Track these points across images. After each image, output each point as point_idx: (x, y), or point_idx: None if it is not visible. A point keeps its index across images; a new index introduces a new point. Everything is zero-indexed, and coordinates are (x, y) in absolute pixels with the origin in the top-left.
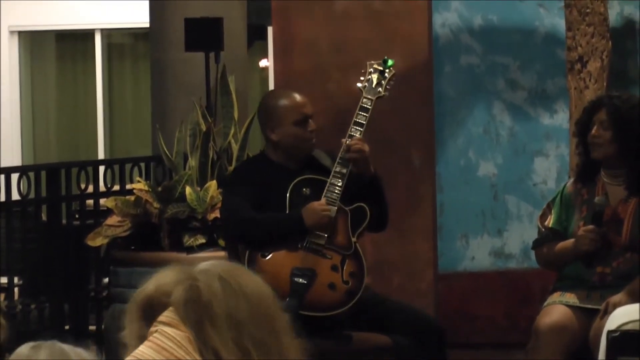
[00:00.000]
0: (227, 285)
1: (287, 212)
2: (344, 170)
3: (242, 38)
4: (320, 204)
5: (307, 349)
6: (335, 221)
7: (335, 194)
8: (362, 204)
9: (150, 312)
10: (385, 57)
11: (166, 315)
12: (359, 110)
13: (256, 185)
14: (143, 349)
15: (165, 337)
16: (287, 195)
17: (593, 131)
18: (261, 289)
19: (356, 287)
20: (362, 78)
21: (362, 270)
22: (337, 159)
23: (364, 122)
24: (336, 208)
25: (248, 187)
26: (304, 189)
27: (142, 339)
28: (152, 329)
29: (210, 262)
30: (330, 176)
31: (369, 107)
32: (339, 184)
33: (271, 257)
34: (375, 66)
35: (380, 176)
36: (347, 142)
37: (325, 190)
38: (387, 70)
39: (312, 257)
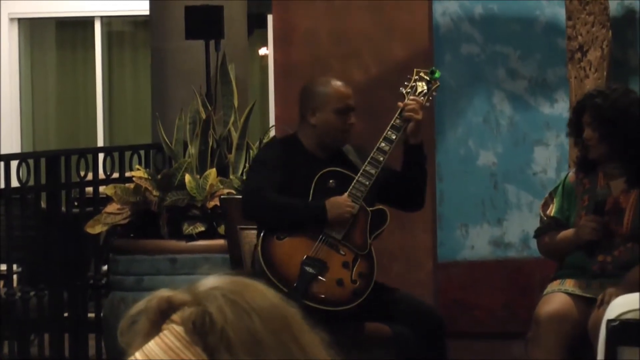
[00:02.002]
0: (236, 306)
1: (310, 200)
2: (373, 171)
3: (242, 26)
4: (345, 199)
5: (327, 341)
6: (356, 220)
7: (360, 192)
8: (384, 208)
9: (164, 316)
10: (433, 68)
11: (180, 315)
12: (399, 115)
13: (283, 168)
14: (152, 345)
15: (175, 336)
16: (313, 183)
17: (584, 134)
18: (269, 298)
19: (363, 288)
20: (406, 83)
21: (372, 272)
22: (369, 158)
23: (401, 126)
24: (358, 206)
25: (275, 168)
26: (330, 181)
27: (148, 337)
28: (164, 325)
29: (212, 281)
30: (359, 174)
31: None
32: (366, 183)
33: (286, 241)
34: (422, 74)
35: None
36: (404, 102)
37: (351, 187)
38: (432, 81)
39: (326, 249)
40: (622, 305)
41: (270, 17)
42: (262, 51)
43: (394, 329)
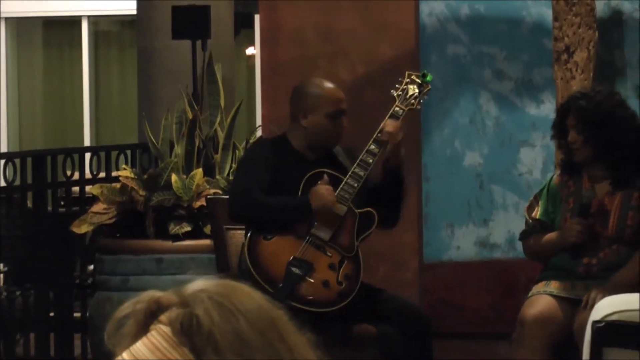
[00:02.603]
0: (223, 308)
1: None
2: (362, 173)
3: (229, 26)
4: (327, 188)
5: (313, 341)
6: (343, 222)
7: (348, 194)
8: (371, 210)
9: (151, 317)
10: (425, 71)
11: (167, 316)
12: (389, 117)
13: (271, 168)
14: (139, 345)
15: (162, 337)
16: (301, 185)
17: (569, 136)
18: (255, 299)
19: (349, 289)
20: (397, 86)
21: (358, 274)
22: (358, 161)
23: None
24: (346, 208)
25: (262, 168)
26: (319, 183)
27: (136, 338)
28: (152, 326)
29: (200, 283)
30: (347, 176)
31: (400, 116)
32: (354, 185)
33: (273, 241)
34: (414, 77)
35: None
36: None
37: (339, 189)
38: (424, 84)
39: (313, 250)
40: (607, 306)
41: (257, 17)
42: (249, 51)
43: (380, 329)
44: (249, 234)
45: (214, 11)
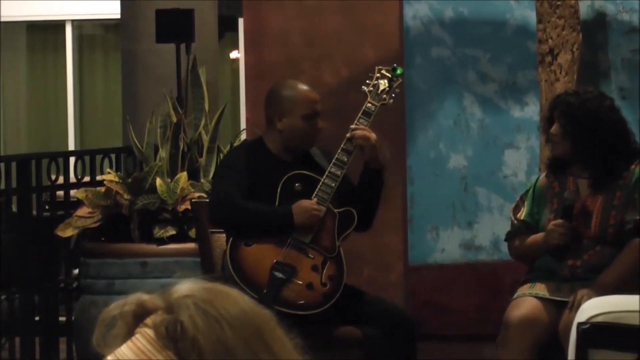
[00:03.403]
0: (208, 315)
1: (277, 204)
2: (339, 172)
3: (213, 29)
4: (311, 203)
5: (301, 346)
6: (323, 222)
7: (326, 195)
8: (351, 209)
9: (137, 320)
10: (395, 65)
11: (152, 320)
12: (362, 115)
13: (249, 172)
14: (124, 348)
15: (147, 340)
16: (279, 187)
17: (552, 129)
18: (241, 305)
19: (333, 290)
20: (368, 82)
21: (342, 274)
22: (334, 160)
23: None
24: (325, 209)
25: (241, 172)
26: (297, 185)
27: (123, 341)
28: (137, 329)
29: (186, 288)
30: (324, 176)
31: (372, 112)
32: (332, 185)
33: (255, 247)
34: (384, 72)
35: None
36: (350, 132)
37: (317, 190)
38: (394, 78)
39: (295, 254)
40: (593, 308)
41: (241, 21)
42: (233, 54)
43: (365, 331)
44: (229, 241)
45: (198, 15)
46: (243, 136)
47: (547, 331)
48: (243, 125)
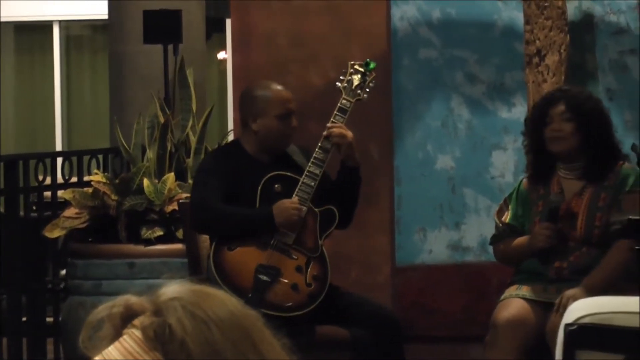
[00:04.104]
0: (196, 317)
1: (257, 206)
2: (317, 171)
3: (200, 30)
4: (291, 202)
5: (288, 346)
6: (304, 222)
7: (306, 194)
8: (332, 207)
9: (125, 322)
10: (368, 60)
11: (140, 321)
12: (337, 111)
13: (227, 175)
14: (111, 349)
15: (134, 341)
16: (259, 189)
17: (554, 125)
18: (229, 307)
19: (318, 290)
20: (342, 78)
21: (326, 274)
22: (312, 159)
23: (342, 124)
24: (306, 209)
25: (219, 177)
26: (276, 185)
27: (111, 342)
28: (125, 330)
29: (173, 290)
30: (303, 175)
31: (347, 109)
32: (311, 184)
33: (237, 251)
34: (357, 67)
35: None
36: (327, 130)
37: (297, 190)
38: (368, 73)
39: (278, 255)
40: (580, 309)
41: (228, 21)
42: (221, 55)
43: (352, 332)
44: (212, 245)
45: (186, 15)
46: (231, 137)
47: (534, 332)
48: (230, 126)
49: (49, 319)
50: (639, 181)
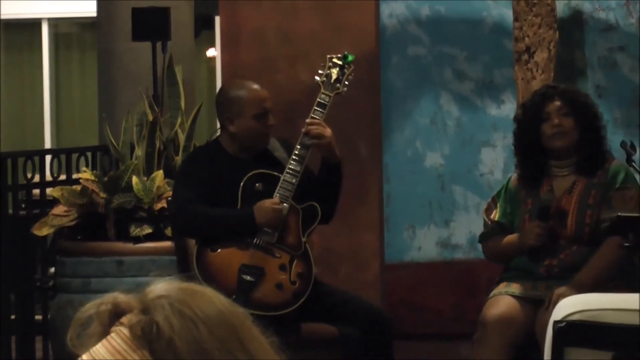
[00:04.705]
0: (183, 315)
1: (239, 206)
2: (298, 168)
3: (189, 28)
4: (272, 202)
5: (277, 345)
6: (287, 220)
7: (287, 192)
8: (314, 203)
9: (113, 320)
10: (346, 53)
11: (128, 319)
12: (316, 106)
13: (208, 176)
14: (99, 347)
15: (122, 339)
16: (240, 189)
17: (554, 121)
18: (217, 306)
19: (303, 288)
20: (320, 72)
21: (310, 271)
22: (292, 156)
23: (321, 118)
24: (288, 206)
25: (199, 178)
26: (257, 184)
27: (100, 339)
28: (113, 328)
29: (161, 288)
30: (284, 173)
31: (327, 103)
32: (293, 182)
33: (220, 252)
34: (335, 60)
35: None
36: (305, 127)
37: (278, 187)
38: (346, 66)
39: (261, 255)
40: (568, 306)
41: (217, 19)
42: (210, 53)
43: (341, 330)
44: (195, 248)
45: (174, 13)
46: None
47: (523, 330)
48: (219, 123)
49: (38, 317)
50: (628, 178)
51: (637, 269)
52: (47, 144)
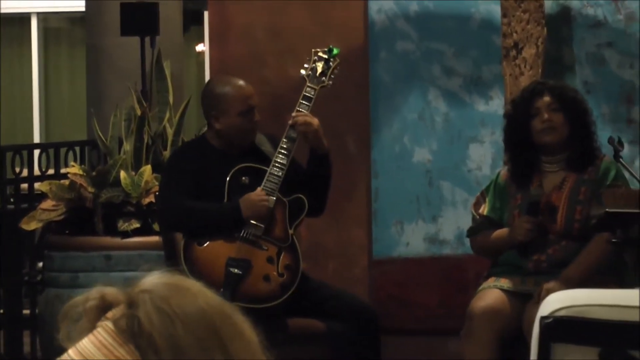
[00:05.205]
0: (162, 312)
1: (225, 201)
2: (285, 161)
3: (177, 23)
4: (257, 195)
5: (264, 342)
6: (273, 212)
7: (274, 184)
8: (301, 196)
9: (100, 314)
10: (331, 46)
11: (113, 314)
12: (302, 99)
13: (195, 171)
14: (85, 342)
15: (108, 334)
16: (226, 183)
17: (543, 116)
18: (198, 303)
19: (291, 280)
20: (306, 66)
21: (298, 263)
22: (279, 149)
23: (307, 112)
24: (275, 199)
25: (186, 173)
26: (243, 178)
27: (85, 334)
28: (99, 323)
29: (146, 282)
30: (271, 166)
31: (312, 97)
32: (279, 174)
33: (207, 245)
34: (321, 54)
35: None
36: (292, 119)
37: (264, 180)
38: (331, 59)
39: (248, 247)
40: (556, 302)
41: (206, 14)
42: (199, 47)
43: (329, 325)
44: (183, 241)
45: (163, 8)
46: None
47: (511, 323)
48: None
49: (26, 312)
50: (619, 175)
51: (626, 265)
52: (36, 139)
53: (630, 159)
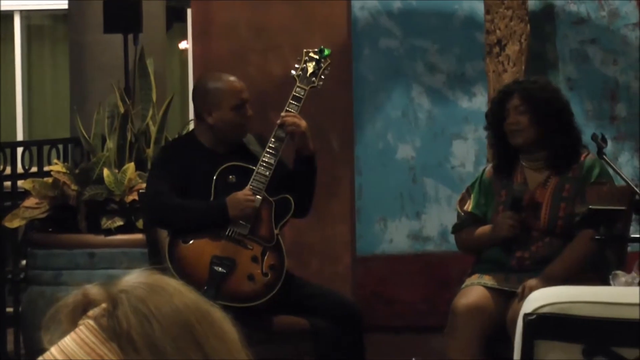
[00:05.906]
0: (138, 312)
1: (212, 199)
2: (272, 160)
3: (161, 20)
4: (244, 194)
5: (244, 340)
6: (259, 212)
7: (261, 184)
8: (287, 196)
9: (82, 312)
10: (322, 47)
11: (94, 312)
12: (292, 100)
13: (182, 169)
14: (67, 340)
15: (90, 331)
16: (213, 181)
17: (510, 119)
18: (174, 303)
19: (275, 280)
20: (297, 66)
21: (282, 263)
22: (266, 148)
23: (296, 112)
24: (261, 198)
25: (173, 170)
26: (230, 177)
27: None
28: (80, 321)
29: (126, 281)
30: (258, 165)
31: (302, 97)
32: (266, 174)
33: (192, 243)
34: (312, 54)
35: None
36: (281, 119)
37: (251, 180)
38: (322, 60)
39: (233, 246)
40: (539, 299)
41: (189, 11)
42: (182, 45)
43: (312, 322)
44: (168, 239)
45: (146, 5)
46: (191, 126)
47: (494, 320)
48: (191, 115)
49: (9, 310)
50: (603, 173)
51: (609, 262)
52: (19, 136)
53: (613, 156)
